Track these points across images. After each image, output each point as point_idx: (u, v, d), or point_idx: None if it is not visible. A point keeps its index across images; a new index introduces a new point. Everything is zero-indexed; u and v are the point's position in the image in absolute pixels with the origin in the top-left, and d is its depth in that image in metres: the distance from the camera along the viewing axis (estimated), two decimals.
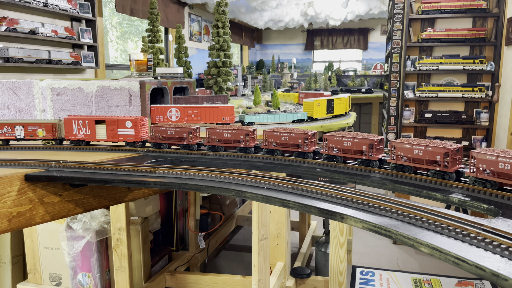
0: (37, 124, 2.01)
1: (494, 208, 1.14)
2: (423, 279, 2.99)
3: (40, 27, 4.73)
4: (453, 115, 5.10)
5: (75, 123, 1.98)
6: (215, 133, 1.80)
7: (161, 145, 1.87)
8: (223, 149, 1.80)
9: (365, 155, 1.51)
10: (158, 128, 1.85)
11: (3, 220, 1.45)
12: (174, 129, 1.83)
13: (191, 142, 1.82)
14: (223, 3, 3.45)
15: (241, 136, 1.76)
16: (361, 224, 1.04)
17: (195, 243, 3.65)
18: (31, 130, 2.01)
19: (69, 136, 2.00)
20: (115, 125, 1.93)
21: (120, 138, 1.93)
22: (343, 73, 10.94)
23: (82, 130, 1.98)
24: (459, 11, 4.95)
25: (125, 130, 1.92)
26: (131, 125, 1.91)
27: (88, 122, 1.96)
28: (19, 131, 2.02)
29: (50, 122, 2.01)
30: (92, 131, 1.96)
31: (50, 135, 2.01)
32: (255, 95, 4.17)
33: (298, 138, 1.66)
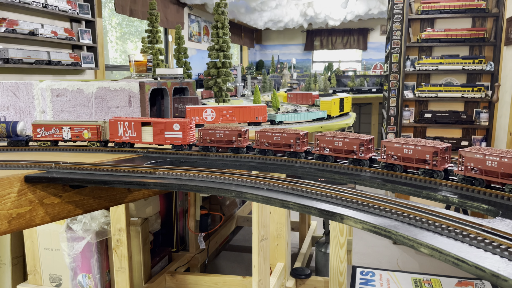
0: (83, 125, 1.98)
1: (494, 208, 1.14)
2: (423, 279, 2.99)
3: (40, 28, 4.73)
4: (453, 115, 5.10)
5: (120, 125, 1.93)
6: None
7: (209, 149, 1.82)
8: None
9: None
10: (206, 131, 1.79)
11: (3, 221, 1.45)
12: (223, 132, 1.77)
13: (240, 145, 1.76)
14: (222, 4, 3.45)
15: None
16: (361, 225, 1.04)
17: (195, 243, 3.65)
18: (77, 131, 1.98)
19: (114, 138, 1.96)
20: (162, 127, 1.87)
21: (167, 141, 1.88)
22: (342, 73, 10.94)
23: (128, 132, 1.93)
24: (459, 11, 4.95)
25: (173, 133, 1.86)
26: (179, 128, 1.85)
27: (134, 124, 1.91)
28: (66, 132, 1.99)
29: (95, 124, 1.97)
30: (138, 133, 1.92)
31: (94, 137, 1.97)
32: (255, 96, 4.17)
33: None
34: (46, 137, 2.01)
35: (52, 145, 2.02)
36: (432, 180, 1.36)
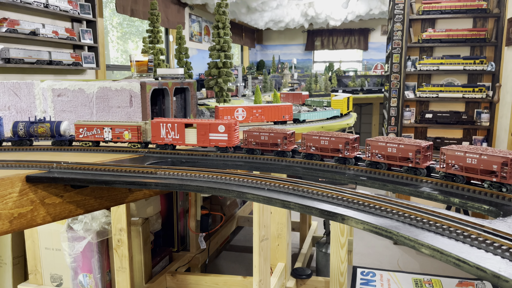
0: (124, 126, 1.93)
1: (495, 209, 1.14)
2: (424, 279, 2.99)
3: (41, 28, 4.74)
4: (454, 116, 5.10)
5: (163, 126, 1.87)
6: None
7: (254, 151, 1.77)
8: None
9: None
10: (251, 133, 1.75)
11: (5, 221, 1.46)
12: (268, 134, 1.72)
13: (286, 148, 1.70)
14: (223, 4, 3.45)
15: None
16: (362, 225, 1.04)
17: (196, 243, 3.65)
18: (118, 132, 1.94)
19: (156, 140, 1.90)
20: (206, 129, 1.82)
21: (212, 143, 1.83)
22: (343, 73, 10.94)
23: (171, 134, 1.87)
24: (460, 11, 4.95)
25: (218, 135, 1.81)
26: (224, 130, 1.80)
27: (177, 125, 1.86)
28: (107, 133, 1.95)
29: (136, 125, 1.92)
30: (181, 135, 1.86)
31: (135, 138, 1.93)
32: (256, 96, 4.17)
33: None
34: (88, 138, 1.99)
35: (94, 146, 2.00)
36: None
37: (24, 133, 2.01)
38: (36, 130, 2.00)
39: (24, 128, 2.01)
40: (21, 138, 2.03)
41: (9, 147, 2.05)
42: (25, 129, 2.01)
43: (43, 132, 1.99)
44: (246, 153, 1.76)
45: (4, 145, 2.07)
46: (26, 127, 2.01)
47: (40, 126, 1.99)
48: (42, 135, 2.00)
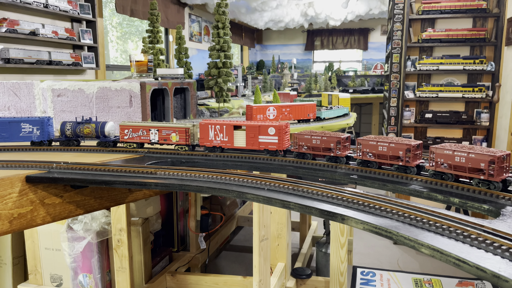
0: (171, 128, 1.88)
1: (494, 209, 1.14)
2: (424, 279, 2.99)
3: (41, 28, 4.73)
4: (454, 115, 5.10)
5: (211, 128, 1.82)
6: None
7: (305, 156, 1.69)
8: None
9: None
10: (302, 136, 1.67)
11: (4, 221, 1.46)
12: (320, 138, 1.63)
13: (339, 154, 1.59)
14: (223, 4, 3.45)
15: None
16: (362, 225, 1.04)
17: (196, 243, 3.65)
18: (165, 134, 1.89)
19: (204, 142, 1.85)
20: (256, 131, 1.75)
21: (261, 146, 1.76)
22: (343, 73, 10.94)
23: (219, 136, 1.81)
24: (459, 11, 4.95)
25: (268, 138, 1.74)
26: (274, 132, 1.73)
27: (226, 127, 1.80)
28: (154, 135, 1.91)
29: (184, 127, 1.87)
30: (229, 137, 1.80)
31: (183, 141, 1.88)
32: (256, 96, 4.17)
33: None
34: (133, 139, 1.95)
35: (138, 147, 1.95)
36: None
37: (71, 133, 2.00)
38: (82, 130, 1.99)
39: (71, 129, 2.00)
40: (68, 138, 2.02)
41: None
42: (72, 129, 2.00)
43: (88, 132, 1.98)
44: (297, 157, 1.68)
45: (53, 144, 2.06)
46: (73, 128, 2.00)
47: (86, 126, 1.98)
48: (88, 135, 1.99)
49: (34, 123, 1.99)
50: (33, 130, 1.99)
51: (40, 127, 1.99)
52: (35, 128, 1.99)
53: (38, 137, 2.00)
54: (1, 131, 1.99)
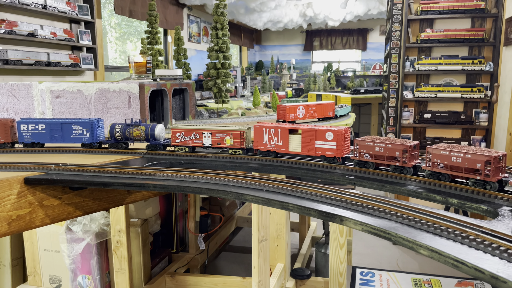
0: (225, 131, 1.82)
1: (493, 209, 1.14)
2: (423, 279, 2.99)
3: (39, 29, 4.73)
4: (452, 116, 5.11)
5: (265, 131, 1.74)
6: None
7: (366, 164, 1.55)
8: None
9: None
10: (364, 143, 1.54)
11: (3, 223, 1.45)
12: (384, 145, 1.48)
13: (406, 164, 1.43)
14: (222, 5, 3.45)
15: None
16: (361, 226, 1.04)
17: (195, 244, 3.65)
18: (219, 137, 1.83)
19: (258, 146, 1.78)
20: (312, 136, 1.65)
21: (318, 152, 1.65)
22: (342, 73, 10.95)
23: (273, 140, 1.74)
24: (458, 11, 4.96)
25: (325, 143, 1.63)
26: (332, 137, 1.61)
27: (281, 131, 1.71)
28: (207, 138, 1.85)
29: (239, 130, 1.81)
30: (284, 141, 1.71)
31: (237, 144, 1.81)
32: (254, 96, 4.17)
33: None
34: (185, 143, 1.89)
35: (190, 151, 1.89)
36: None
37: (121, 135, 1.97)
38: (131, 133, 1.95)
39: (121, 131, 1.96)
40: (118, 141, 1.99)
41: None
42: (121, 132, 1.96)
43: (138, 135, 1.94)
44: (357, 165, 1.56)
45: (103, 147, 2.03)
46: (123, 130, 1.96)
47: (135, 129, 1.94)
48: (137, 138, 1.95)
49: (84, 125, 1.96)
50: (83, 132, 1.97)
51: (90, 129, 1.96)
52: (85, 130, 1.96)
53: (87, 139, 1.97)
54: (54, 133, 1.98)
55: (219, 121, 3.22)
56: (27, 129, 2.00)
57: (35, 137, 2.00)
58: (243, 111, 3.71)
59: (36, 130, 2.00)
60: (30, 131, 2.00)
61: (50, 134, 1.99)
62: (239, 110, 3.80)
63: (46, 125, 1.98)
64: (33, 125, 1.99)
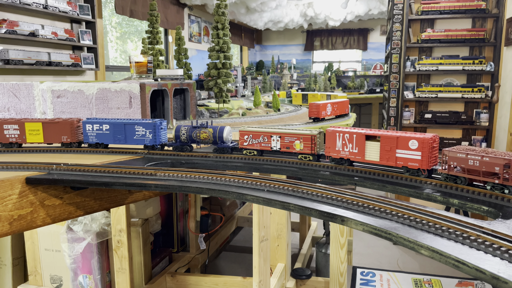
0: (295, 135, 1.71)
1: (494, 210, 1.14)
2: (424, 279, 2.99)
3: (40, 29, 4.73)
4: (453, 116, 5.10)
5: (339, 136, 1.59)
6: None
7: (456, 179, 1.33)
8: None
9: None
10: (455, 154, 1.33)
11: (4, 223, 1.46)
12: (480, 158, 1.26)
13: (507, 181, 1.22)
14: (222, 5, 3.45)
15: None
16: (362, 226, 1.04)
17: (196, 244, 3.65)
18: (288, 141, 1.72)
19: (330, 152, 1.63)
20: (393, 143, 1.47)
21: (399, 162, 1.46)
22: (342, 73, 10.95)
23: (348, 147, 1.58)
24: (459, 11, 4.96)
25: (408, 153, 1.43)
26: (417, 146, 1.41)
27: (356, 136, 1.55)
28: (275, 142, 1.75)
29: (310, 134, 1.69)
30: (360, 149, 1.55)
31: (308, 149, 1.69)
32: (255, 96, 4.18)
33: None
34: (253, 146, 1.80)
35: (259, 155, 1.80)
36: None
37: (186, 138, 1.90)
38: (198, 135, 1.88)
39: (187, 133, 1.90)
40: (183, 143, 1.91)
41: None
42: (187, 134, 1.90)
43: (205, 138, 1.87)
44: (445, 180, 1.35)
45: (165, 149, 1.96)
46: (189, 132, 1.90)
47: (202, 131, 1.87)
48: (204, 141, 1.88)
49: (147, 126, 1.90)
50: (146, 134, 1.91)
51: (153, 131, 1.90)
52: (148, 131, 1.90)
53: (150, 141, 1.91)
54: (117, 134, 1.93)
55: (220, 120, 3.22)
56: (92, 129, 1.95)
57: (99, 138, 1.96)
58: (243, 111, 3.72)
59: (100, 130, 1.95)
60: (94, 131, 1.95)
61: (114, 135, 1.94)
62: (239, 110, 3.80)
63: (110, 125, 1.93)
64: (98, 125, 1.95)
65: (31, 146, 2.07)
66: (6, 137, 2.01)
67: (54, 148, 2.04)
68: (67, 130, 1.97)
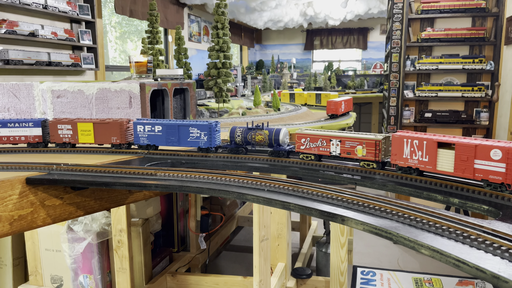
0: (357, 139, 1.58)
1: (494, 209, 1.14)
2: (424, 278, 2.99)
3: (40, 29, 4.73)
4: (453, 115, 5.10)
5: (406, 143, 1.45)
6: None
7: None
8: None
9: None
10: None
11: (5, 223, 1.46)
12: None
13: None
14: (222, 5, 3.45)
15: None
16: (362, 226, 1.04)
17: (196, 244, 3.65)
18: (349, 146, 1.61)
19: (397, 160, 1.48)
20: (470, 152, 1.28)
21: (478, 175, 1.27)
22: (342, 72, 10.94)
23: (417, 154, 1.42)
24: (459, 10, 4.96)
25: (489, 164, 1.24)
26: (500, 157, 1.21)
27: (426, 143, 1.39)
28: (335, 147, 1.64)
29: (373, 139, 1.55)
30: (431, 157, 1.38)
31: (371, 156, 1.55)
32: (255, 96, 4.18)
33: None
34: (310, 150, 1.69)
35: (316, 160, 1.68)
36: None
37: (241, 140, 1.85)
38: (253, 137, 1.82)
39: (242, 135, 1.84)
40: (238, 145, 1.86)
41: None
42: (242, 136, 1.84)
43: (260, 140, 1.81)
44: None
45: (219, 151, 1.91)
46: (244, 134, 1.84)
47: (258, 133, 1.81)
48: (260, 143, 1.82)
49: (202, 128, 1.85)
50: (201, 136, 1.86)
51: (208, 133, 1.84)
52: (203, 133, 1.86)
53: (205, 143, 1.85)
54: (170, 135, 1.89)
55: (220, 120, 3.22)
56: (143, 130, 1.91)
57: (151, 139, 1.91)
58: (244, 111, 3.72)
59: (152, 132, 1.91)
60: (146, 132, 1.91)
61: (167, 136, 1.89)
62: (239, 109, 3.80)
63: (163, 126, 1.88)
64: (150, 126, 1.90)
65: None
66: (60, 137, 2.00)
67: (54, 148, 2.04)
68: (117, 131, 1.93)
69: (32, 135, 2.03)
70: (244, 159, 1.79)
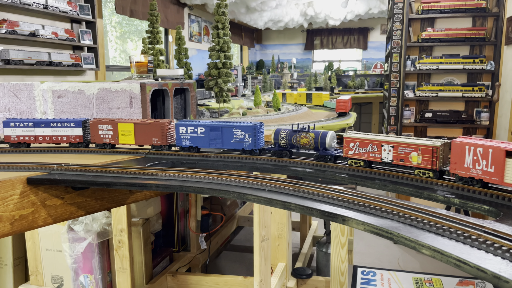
0: (412, 145, 1.45)
1: (495, 209, 1.14)
2: (424, 278, 2.99)
3: (40, 29, 4.73)
4: (454, 115, 5.10)
5: (468, 151, 1.29)
6: None
7: None
8: None
9: None
10: None
11: (6, 223, 1.46)
12: None
13: None
14: (223, 5, 3.45)
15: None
16: (363, 226, 1.04)
17: (196, 244, 3.65)
18: (403, 152, 1.47)
19: (457, 169, 1.32)
20: None
21: None
22: (343, 72, 10.94)
23: (480, 164, 1.26)
24: (459, 10, 4.95)
25: None
26: None
27: (492, 152, 1.22)
28: (387, 153, 1.51)
29: (431, 145, 1.41)
30: (498, 168, 1.21)
31: (427, 163, 1.41)
32: (256, 96, 4.18)
33: None
34: (359, 155, 1.57)
35: (366, 166, 1.56)
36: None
37: (285, 142, 1.79)
38: (298, 140, 1.76)
39: (286, 137, 1.78)
40: (282, 148, 1.79)
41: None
42: (287, 138, 1.78)
43: (306, 143, 1.74)
44: None
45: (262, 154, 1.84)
46: (289, 136, 1.78)
47: (303, 136, 1.75)
48: (305, 146, 1.75)
49: (246, 129, 1.79)
50: (245, 137, 1.80)
51: (252, 134, 1.79)
52: (247, 135, 1.80)
53: (249, 145, 1.79)
54: (213, 137, 1.84)
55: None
56: (185, 132, 1.87)
57: (193, 141, 1.87)
58: (244, 111, 3.72)
59: (194, 133, 1.86)
60: (188, 134, 1.87)
61: (210, 138, 1.84)
62: (240, 109, 3.80)
63: (206, 128, 1.84)
64: (192, 128, 1.86)
65: (33, 147, 2.07)
66: (100, 137, 1.99)
67: (54, 148, 2.04)
68: (158, 132, 1.91)
69: (74, 135, 2.02)
70: (287, 162, 1.72)
